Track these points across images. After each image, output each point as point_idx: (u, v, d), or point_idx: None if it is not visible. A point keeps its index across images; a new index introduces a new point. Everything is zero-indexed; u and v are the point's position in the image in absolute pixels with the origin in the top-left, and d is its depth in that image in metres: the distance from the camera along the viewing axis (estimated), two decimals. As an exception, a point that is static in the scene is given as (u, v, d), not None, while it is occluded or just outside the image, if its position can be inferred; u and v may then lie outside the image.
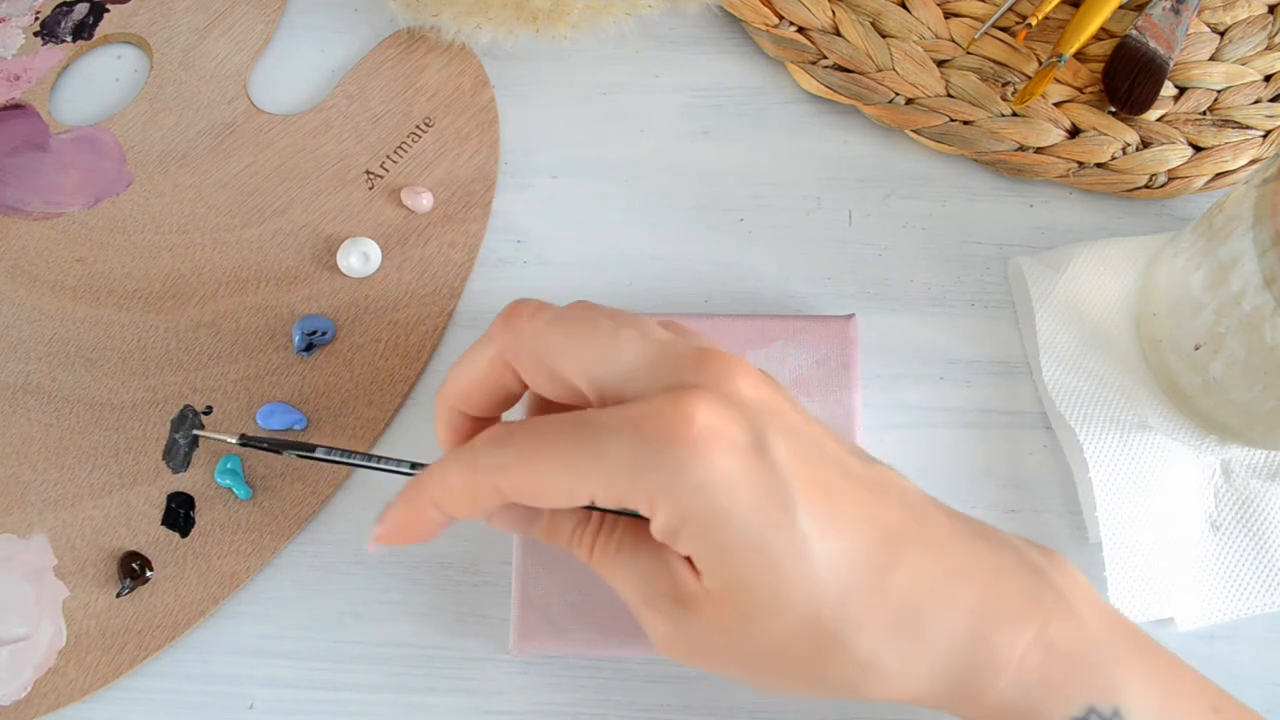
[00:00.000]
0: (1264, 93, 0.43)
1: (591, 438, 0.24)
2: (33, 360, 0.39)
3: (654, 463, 0.23)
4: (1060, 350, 0.39)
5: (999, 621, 0.25)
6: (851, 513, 0.25)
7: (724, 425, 0.23)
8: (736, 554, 0.24)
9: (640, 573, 0.26)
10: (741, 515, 0.24)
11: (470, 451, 0.25)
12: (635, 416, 0.24)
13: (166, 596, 0.36)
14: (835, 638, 0.25)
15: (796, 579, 0.24)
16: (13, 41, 0.44)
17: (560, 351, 0.26)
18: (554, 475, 0.24)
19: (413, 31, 0.45)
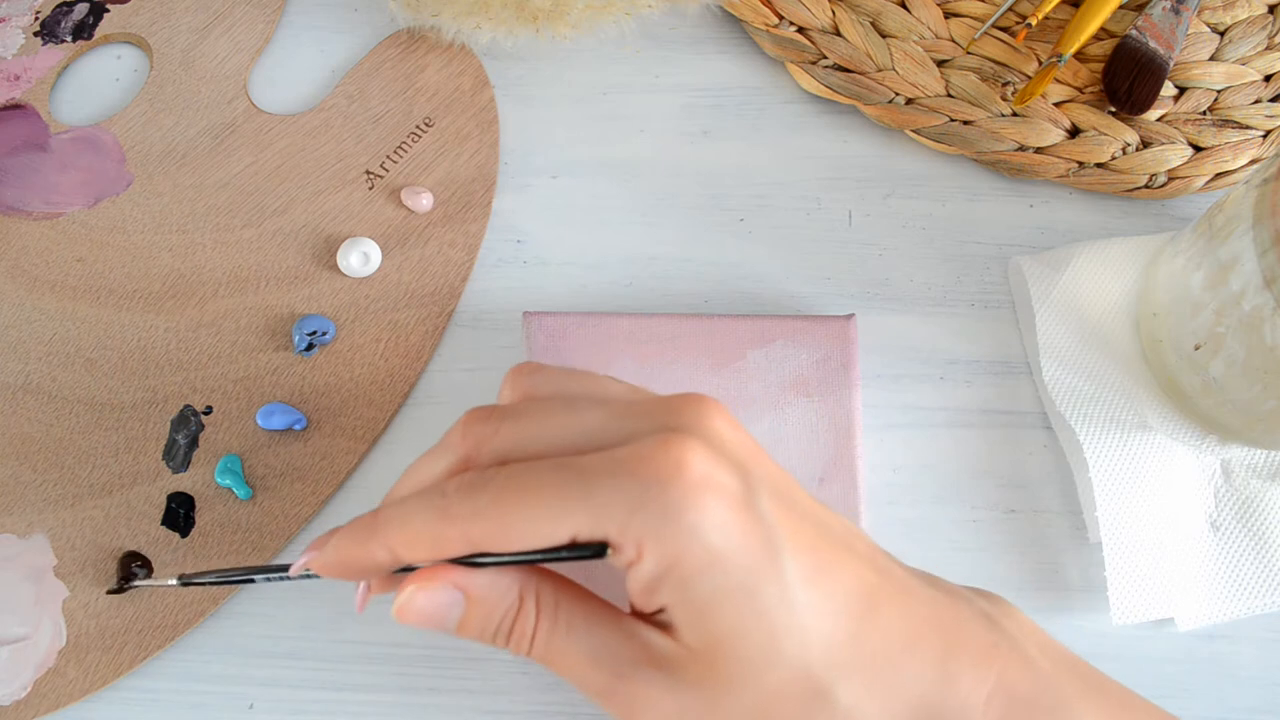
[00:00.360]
0: (1264, 93, 0.43)
1: (577, 479, 0.23)
2: (33, 360, 0.39)
3: (647, 504, 0.23)
4: (1060, 350, 0.39)
5: (963, 669, 0.26)
6: (831, 564, 0.25)
7: (715, 471, 0.23)
8: (725, 603, 0.23)
9: (601, 648, 0.25)
10: (733, 561, 0.23)
11: (440, 497, 0.24)
12: (625, 458, 0.23)
13: (166, 596, 0.36)
14: (821, 688, 0.24)
15: (786, 627, 0.24)
16: (13, 41, 0.44)
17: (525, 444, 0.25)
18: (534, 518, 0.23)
19: (412, 31, 0.45)
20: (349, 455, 0.38)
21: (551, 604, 0.25)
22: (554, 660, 0.25)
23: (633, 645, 0.25)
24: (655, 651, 0.25)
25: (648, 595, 0.24)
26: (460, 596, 0.25)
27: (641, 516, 0.23)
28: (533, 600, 0.25)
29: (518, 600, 0.25)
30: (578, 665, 0.25)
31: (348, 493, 0.38)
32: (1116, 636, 0.36)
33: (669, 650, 0.24)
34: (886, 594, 0.26)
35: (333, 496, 0.38)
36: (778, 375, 0.37)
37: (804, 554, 0.24)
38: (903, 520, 0.38)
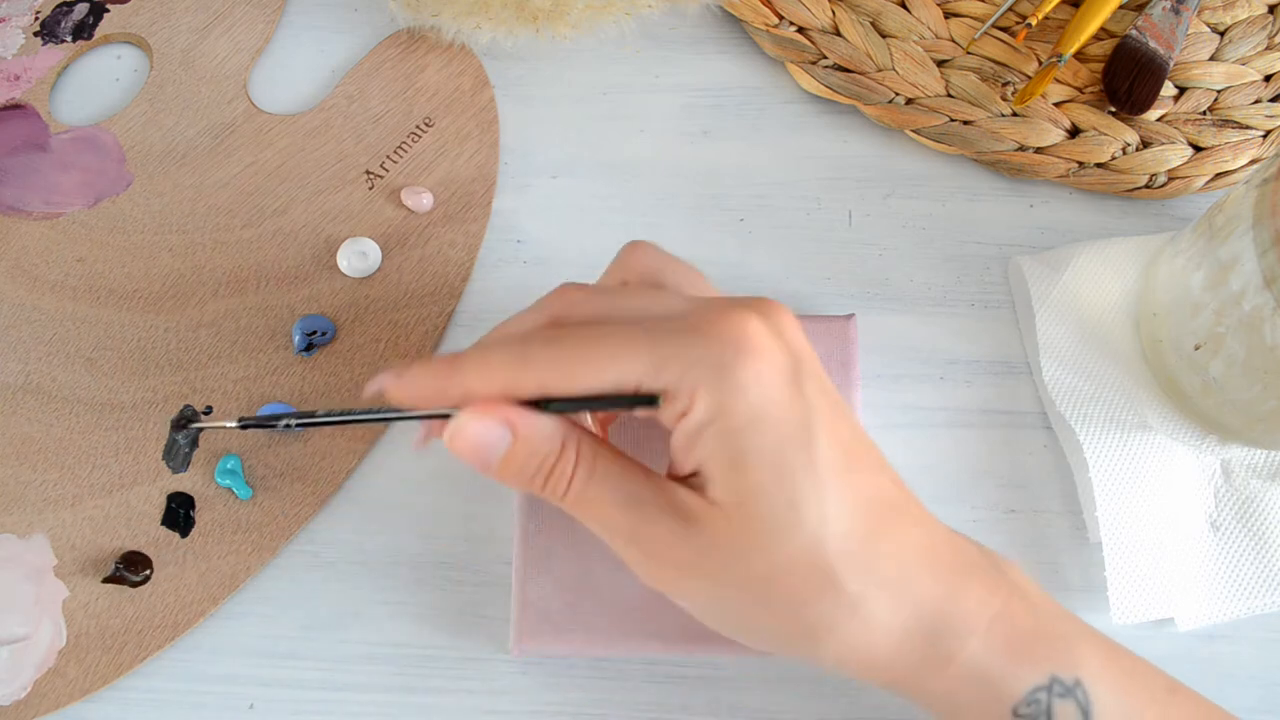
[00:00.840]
0: (1264, 93, 0.43)
1: (650, 334, 0.25)
2: (33, 360, 0.39)
3: (707, 357, 0.24)
4: (1060, 350, 0.39)
5: (969, 592, 0.27)
6: (859, 464, 0.26)
7: (772, 344, 0.25)
8: (759, 462, 0.25)
9: (632, 496, 0.26)
10: (773, 423, 0.25)
11: (522, 344, 0.26)
12: (694, 321, 0.25)
13: (166, 596, 0.36)
14: (832, 572, 0.25)
15: (809, 501, 0.25)
16: (13, 41, 0.44)
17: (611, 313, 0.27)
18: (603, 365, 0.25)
19: (412, 31, 0.45)
20: (349, 455, 0.38)
21: (590, 454, 0.27)
22: (586, 505, 0.27)
23: (662, 496, 0.26)
24: (683, 505, 0.26)
25: (688, 449, 0.25)
26: (508, 433, 0.26)
27: (699, 368, 0.25)
28: (574, 447, 0.27)
29: (560, 446, 0.26)
30: (608, 510, 0.26)
31: (348, 493, 0.38)
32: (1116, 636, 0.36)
33: (696, 505, 0.26)
34: (906, 511, 0.27)
35: (333, 496, 0.38)
36: (778, 375, 0.37)
37: (837, 445, 0.26)
38: (903, 520, 0.38)
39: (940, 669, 0.26)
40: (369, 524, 0.38)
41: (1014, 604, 0.27)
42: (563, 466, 0.27)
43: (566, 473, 0.27)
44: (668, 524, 0.26)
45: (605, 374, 0.25)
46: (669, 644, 0.33)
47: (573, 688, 0.36)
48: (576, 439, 0.27)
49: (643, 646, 0.34)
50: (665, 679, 0.36)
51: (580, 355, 0.25)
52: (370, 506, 0.38)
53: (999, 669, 0.26)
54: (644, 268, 0.29)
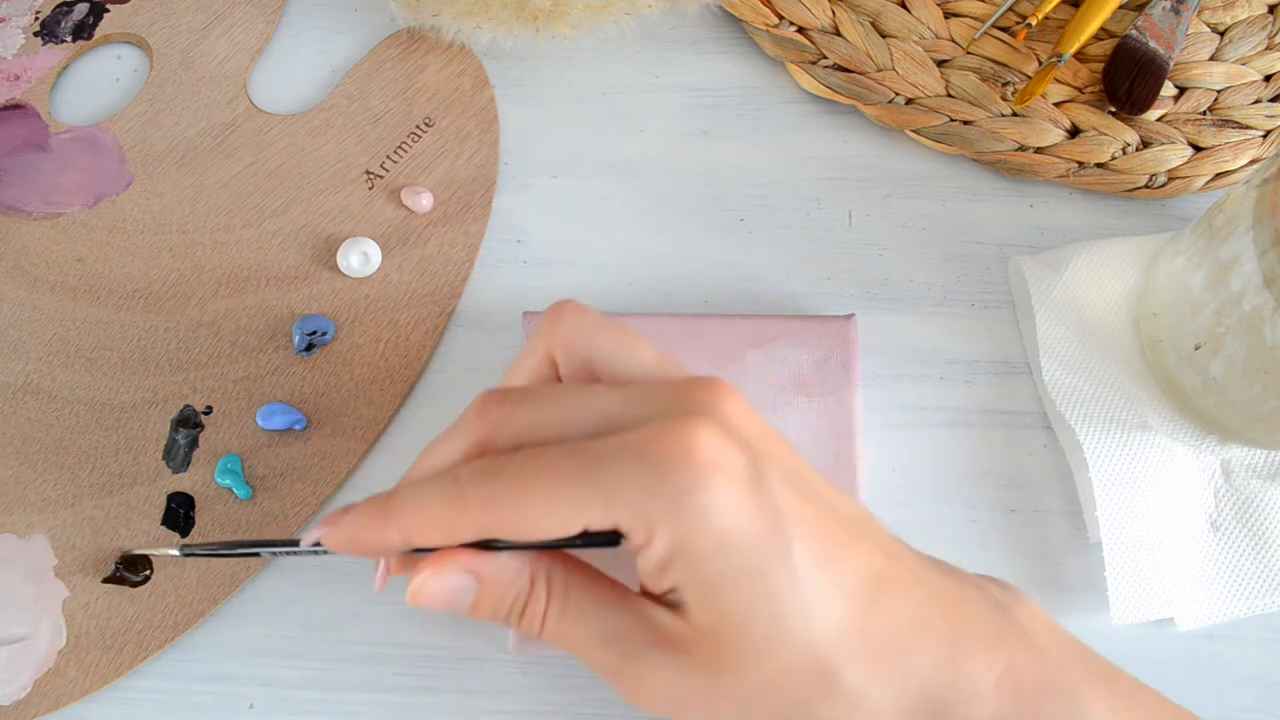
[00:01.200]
0: (1264, 93, 0.43)
1: (588, 465, 0.24)
2: (33, 360, 0.39)
3: (657, 487, 0.23)
4: (1060, 350, 0.39)
5: (972, 654, 0.26)
6: (839, 548, 0.25)
7: (726, 453, 0.23)
8: (734, 583, 0.24)
9: (612, 630, 0.25)
10: (741, 542, 0.23)
11: (454, 482, 0.25)
12: (636, 442, 0.23)
13: (166, 596, 0.36)
14: (828, 671, 0.24)
15: (793, 609, 0.24)
16: (13, 41, 0.44)
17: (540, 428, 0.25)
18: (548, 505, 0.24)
19: (412, 31, 0.45)
20: (349, 455, 0.38)
21: (562, 587, 0.26)
22: (564, 641, 0.26)
23: (642, 626, 0.25)
24: (664, 632, 0.25)
25: (658, 576, 0.24)
26: (472, 581, 0.25)
27: (652, 501, 0.23)
28: (544, 583, 0.26)
29: (529, 583, 0.26)
30: (587, 646, 0.26)
31: (348, 493, 0.38)
32: (1116, 636, 0.36)
33: (678, 630, 0.25)
34: (896, 579, 0.26)
35: (333, 496, 0.38)
36: (778, 375, 0.37)
37: (813, 538, 0.24)
38: (903, 520, 0.37)
39: None
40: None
41: (1019, 657, 0.26)
42: (534, 606, 0.26)
43: (539, 612, 0.26)
44: (652, 656, 0.25)
45: (548, 516, 0.24)
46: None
47: (573, 688, 0.36)
48: (545, 572, 0.26)
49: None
50: (665, 679, 0.36)
51: (516, 495, 0.24)
52: (370, 506, 0.38)
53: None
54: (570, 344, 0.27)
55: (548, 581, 0.26)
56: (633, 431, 0.24)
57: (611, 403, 0.25)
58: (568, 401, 0.25)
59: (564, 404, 0.25)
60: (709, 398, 0.24)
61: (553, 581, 0.26)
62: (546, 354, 0.28)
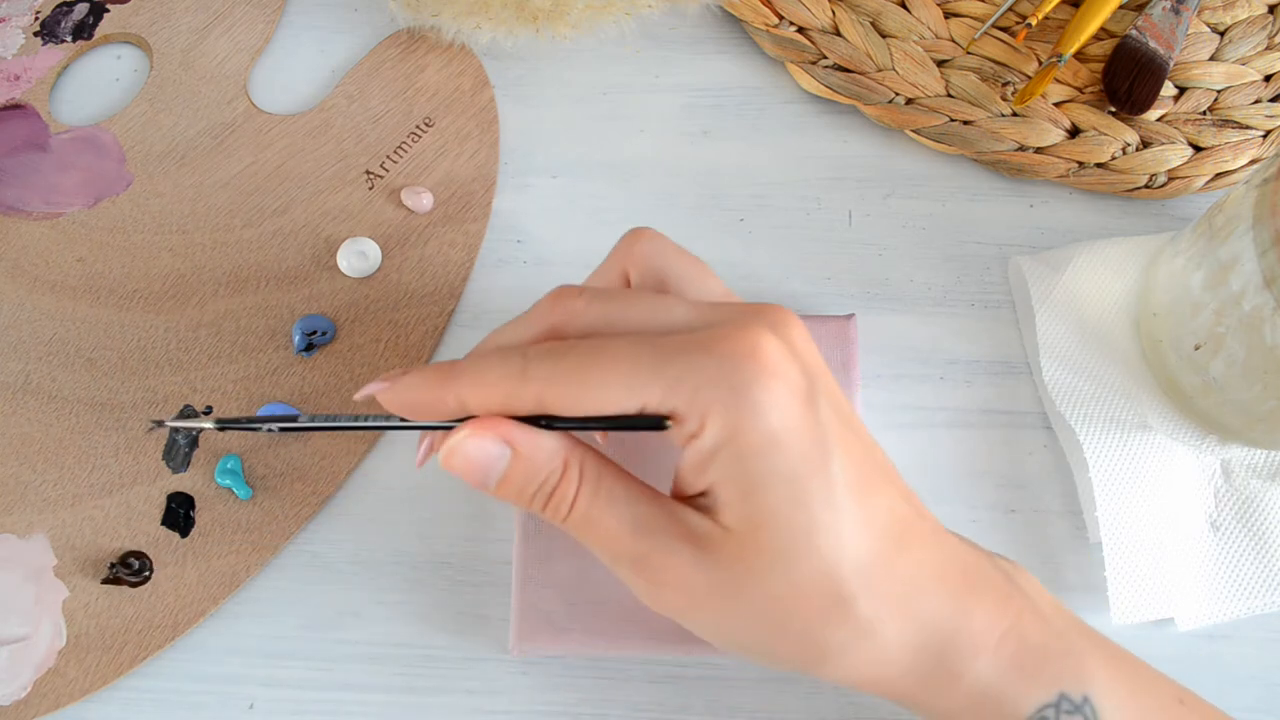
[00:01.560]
0: (1264, 93, 0.43)
1: (655, 351, 0.24)
2: (33, 360, 0.39)
3: (719, 377, 0.23)
4: (1060, 350, 0.39)
5: (980, 610, 0.27)
6: (874, 485, 0.26)
7: (787, 364, 0.24)
8: (774, 486, 0.24)
9: (639, 520, 0.25)
10: (789, 446, 0.24)
11: (520, 356, 0.25)
12: (704, 337, 0.24)
13: (166, 596, 0.36)
14: (845, 596, 0.25)
15: (825, 526, 0.24)
16: (13, 41, 0.44)
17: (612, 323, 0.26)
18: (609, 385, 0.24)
19: (413, 31, 0.45)
20: (349, 455, 0.38)
21: (594, 474, 0.26)
22: (589, 527, 0.26)
23: (672, 520, 0.25)
24: (693, 529, 0.25)
25: (699, 471, 0.25)
26: (508, 451, 0.25)
27: (711, 389, 0.23)
28: (576, 468, 0.26)
29: (562, 465, 0.25)
30: (616, 531, 0.25)
31: (348, 492, 0.38)
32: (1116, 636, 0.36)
33: (707, 530, 0.25)
34: (919, 531, 0.26)
35: (333, 496, 0.38)
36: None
37: (852, 466, 0.25)
38: (903, 520, 0.38)
39: (948, 687, 0.26)
40: (369, 524, 0.38)
41: (1025, 619, 0.27)
42: (565, 487, 0.26)
43: (569, 494, 0.26)
44: (678, 550, 0.25)
45: (609, 394, 0.24)
46: (669, 644, 0.33)
47: (573, 688, 0.36)
48: (580, 458, 0.26)
49: (643, 646, 0.34)
50: (665, 679, 0.36)
51: (583, 374, 0.24)
52: (370, 506, 0.38)
53: (1006, 687, 0.26)
54: (647, 262, 0.28)
55: (581, 466, 0.26)
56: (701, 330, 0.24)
57: (683, 312, 0.26)
58: (641, 304, 0.26)
59: (638, 305, 0.26)
60: (778, 318, 0.25)
61: (586, 467, 0.26)
62: (622, 271, 0.28)
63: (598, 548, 0.26)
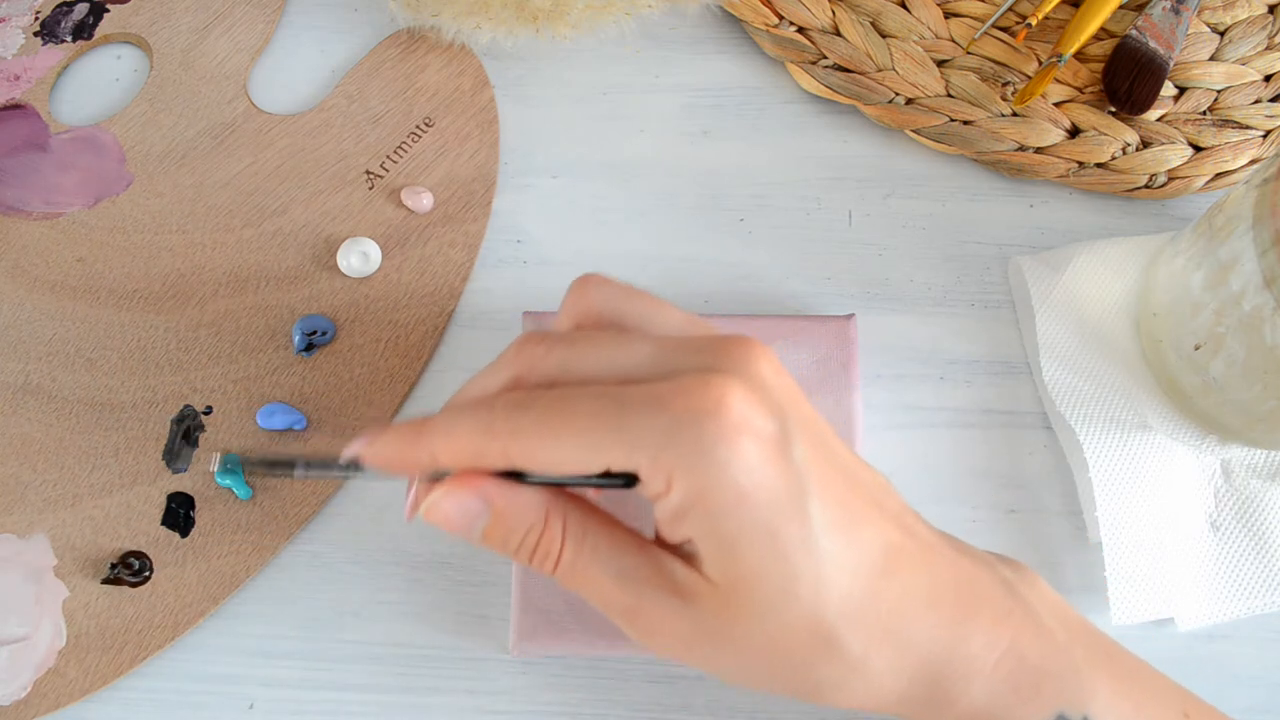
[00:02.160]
0: (1264, 93, 0.43)
1: (618, 409, 0.24)
2: (33, 360, 0.39)
3: (681, 438, 0.23)
4: (1060, 350, 0.39)
5: (976, 632, 0.26)
6: (857, 518, 0.25)
7: (752, 412, 0.24)
8: (749, 540, 0.24)
9: (625, 572, 0.26)
10: (760, 502, 0.24)
11: (487, 411, 0.25)
12: (664, 393, 0.24)
13: (166, 596, 0.36)
14: (832, 636, 0.25)
15: (805, 572, 0.24)
16: (13, 41, 0.44)
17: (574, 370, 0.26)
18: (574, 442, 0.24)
19: (413, 31, 0.45)
20: (349, 455, 0.38)
21: (579, 529, 0.26)
22: (576, 580, 0.26)
23: (656, 572, 0.25)
24: (677, 581, 0.25)
25: (674, 526, 0.25)
26: (486, 506, 0.25)
27: (674, 450, 0.23)
28: (559, 523, 0.26)
29: (542, 519, 0.26)
30: (602, 585, 0.26)
31: (348, 493, 0.38)
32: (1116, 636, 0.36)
33: (690, 581, 0.25)
34: (908, 553, 0.26)
35: (333, 496, 0.38)
36: (778, 375, 0.37)
37: (832, 504, 0.24)
38: (903, 520, 0.38)
39: (944, 712, 0.26)
40: (369, 524, 0.38)
41: (1023, 636, 0.27)
42: (548, 542, 0.26)
43: (554, 549, 0.26)
44: (664, 601, 0.25)
45: (573, 453, 0.24)
46: (669, 644, 0.33)
47: (573, 688, 0.36)
48: (563, 511, 0.26)
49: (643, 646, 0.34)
50: (665, 679, 0.36)
51: (542, 430, 0.24)
52: (370, 506, 0.38)
53: (1003, 710, 0.26)
54: (599, 309, 0.27)
55: (564, 521, 0.26)
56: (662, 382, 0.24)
57: (645, 352, 0.25)
58: (601, 347, 0.26)
59: (598, 349, 0.26)
60: (742, 356, 0.25)
61: (570, 522, 0.26)
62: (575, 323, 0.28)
63: (589, 596, 0.26)
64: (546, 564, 0.26)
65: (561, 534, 0.26)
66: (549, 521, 0.26)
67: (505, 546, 0.26)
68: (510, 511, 0.26)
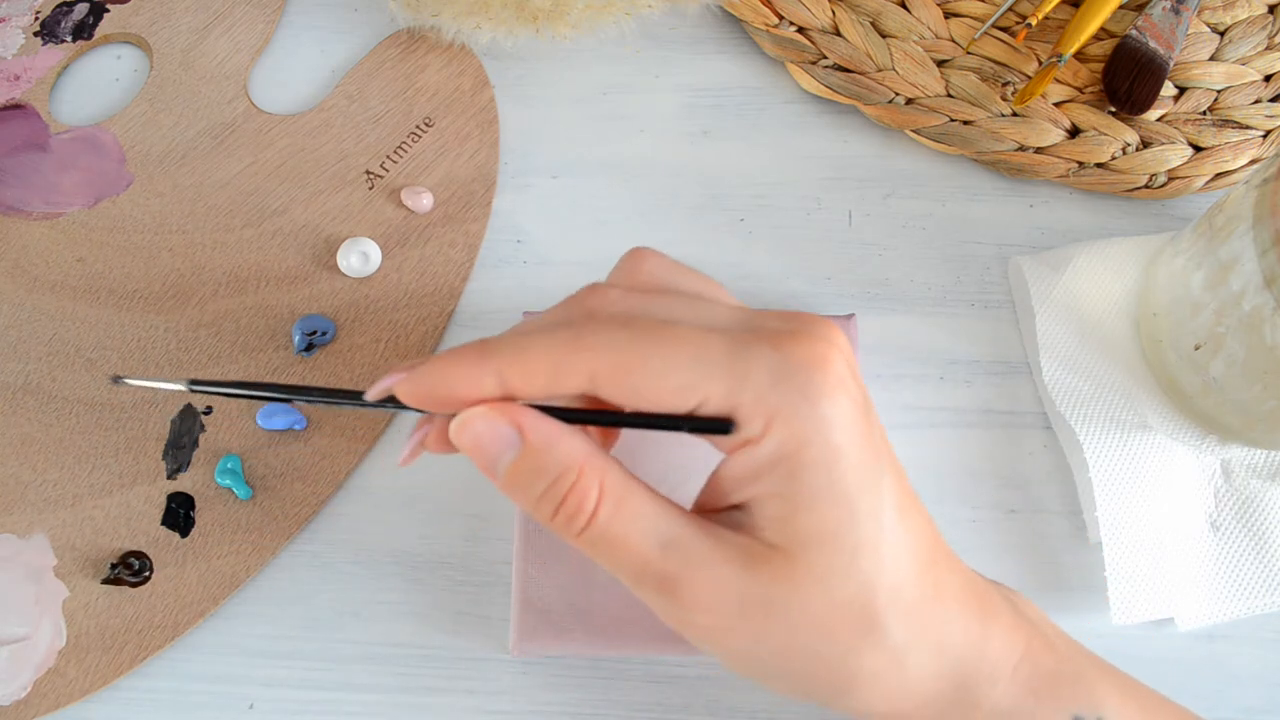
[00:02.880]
0: (1264, 93, 0.43)
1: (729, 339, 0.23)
2: (33, 360, 0.39)
3: (791, 381, 0.22)
4: (1060, 350, 0.39)
5: (996, 636, 0.26)
6: (912, 505, 0.25)
7: (849, 377, 0.23)
8: (829, 503, 0.23)
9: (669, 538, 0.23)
10: (851, 464, 0.23)
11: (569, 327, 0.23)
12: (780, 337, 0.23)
13: (166, 596, 0.36)
14: (878, 620, 0.24)
15: (869, 545, 0.23)
16: (13, 41, 0.44)
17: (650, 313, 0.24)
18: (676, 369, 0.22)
19: (413, 31, 0.45)
20: (349, 455, 0.38)
21: (619, 487, 0.23)
22: (610, 544, 0.23)
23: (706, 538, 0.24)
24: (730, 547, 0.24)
25: (746, 482, 0.23)
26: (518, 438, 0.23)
27: (782, 392, 0.22)
28: (597, 475, 0.23)
29: (576, 469, 0.23)
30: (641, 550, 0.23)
31: (348, 493, 0.38)
32: (1116, 636, 0.36)
33: (745, 547, 0.24)
34: (944, 554, 0.26)
35: (333, 496, 0.38)
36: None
37: (898, 486, 0.24)
38: (903, 520, 0.38)
39: (966, 714, 0.26)
40: (369, 524, 0.38)
41: (1035, 645, 0.27)
42: (579, 495, 0.23)
43: (587, 505, 0.23)
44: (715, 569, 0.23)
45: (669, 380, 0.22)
46: (669, 644, 0.33)
47: (573, 688, 0.36)
48: (603, 467, 0.23)
49: (643, 646, 0.34)
50: (665, 679, 0.36)
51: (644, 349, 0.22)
52: (370, 506, 0.38)
53: (1023, 712, 0.26)
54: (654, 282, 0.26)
55: (603, 475, 0.23)
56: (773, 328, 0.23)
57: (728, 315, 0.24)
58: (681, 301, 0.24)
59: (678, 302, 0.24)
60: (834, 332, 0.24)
61: (610, 477, 0.23)
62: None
63: (619, 566, 0.24)
64: (577, 521, 0.23)
65: (598, 492, 0.23)
66: (584, 473, 0.23)
67: (530, 490, 0.23)
68: (544, 449, 0.23)
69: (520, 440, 0.23)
